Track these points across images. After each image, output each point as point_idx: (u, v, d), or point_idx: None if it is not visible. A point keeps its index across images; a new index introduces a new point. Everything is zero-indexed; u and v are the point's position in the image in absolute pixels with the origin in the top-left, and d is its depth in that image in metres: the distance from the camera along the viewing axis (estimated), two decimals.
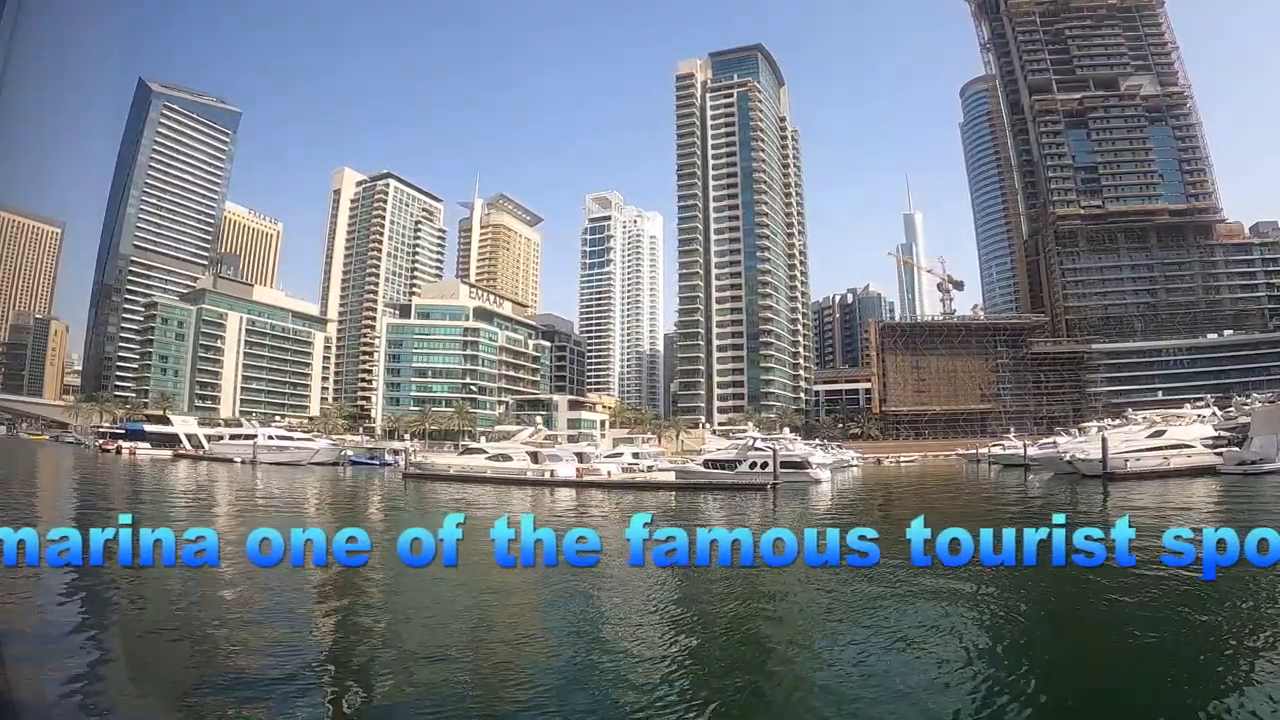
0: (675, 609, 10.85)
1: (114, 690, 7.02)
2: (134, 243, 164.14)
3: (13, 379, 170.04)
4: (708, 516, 29.14)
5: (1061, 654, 9.43)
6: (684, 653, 8.79)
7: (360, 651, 8.89)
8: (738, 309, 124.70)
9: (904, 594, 11.09)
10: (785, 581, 11.57)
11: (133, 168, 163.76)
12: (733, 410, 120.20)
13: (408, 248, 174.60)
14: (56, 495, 31.84)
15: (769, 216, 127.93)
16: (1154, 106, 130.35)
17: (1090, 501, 32.36)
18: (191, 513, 26.16)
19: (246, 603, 10.54)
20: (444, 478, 46.48)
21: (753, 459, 50.74)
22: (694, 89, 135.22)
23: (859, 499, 40.49)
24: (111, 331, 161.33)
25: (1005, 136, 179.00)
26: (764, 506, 33.01)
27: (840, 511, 31.88)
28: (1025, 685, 7.54)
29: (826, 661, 8.47)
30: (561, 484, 42.94)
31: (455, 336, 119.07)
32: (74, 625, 8.96)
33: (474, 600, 10.92)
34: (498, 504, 31.87)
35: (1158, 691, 7.50)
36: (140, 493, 35.02)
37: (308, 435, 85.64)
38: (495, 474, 45.78)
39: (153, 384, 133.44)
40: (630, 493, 39.35)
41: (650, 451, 66.75)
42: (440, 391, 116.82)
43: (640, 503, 34.42)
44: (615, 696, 7.11)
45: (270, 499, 33.46)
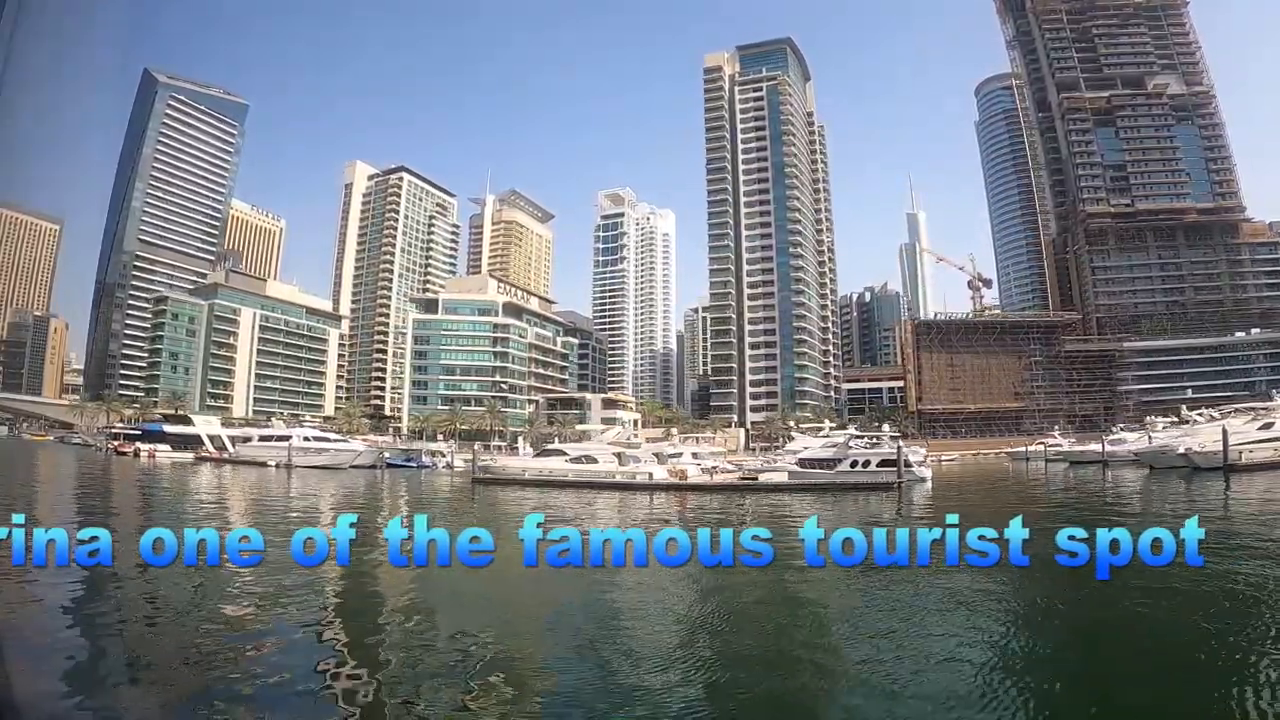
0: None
1: (114, 690, 7.02)
2: (139, 237, 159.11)
3: (12, 378, 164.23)
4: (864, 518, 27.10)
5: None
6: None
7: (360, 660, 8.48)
8: (770, 305, 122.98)
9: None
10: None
11: (137, 160, 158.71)
12: (766, 409, 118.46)
13: (421, 243, 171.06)
14: (89, 505, 27.52)
15: (801, 212, 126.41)
16: (1180, 106, 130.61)
17: (1230, 496, 30.59)
18: (268, 528, 22.57)
19: (247, 604, 10.68)
20: (518, 482, 42.84)
21: (854, 457, 48.85)
22: (722, 82, 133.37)
23: (962, 496, 39.11)
24: (115, 329, 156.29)
25: (1022, 135, 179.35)
26: (896, 505, 31.81)
27: (974, 509, 29.97)
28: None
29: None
30: (656, 487, 40.20)
31: (485, 333, 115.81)
32: (75, 625, 8.98)
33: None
34: (599, 510, 29.05)
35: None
36: (179, 500, 30.83)
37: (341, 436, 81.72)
38: (578, 477, 42.74)
39: (162, 382, 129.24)
40: (741, 495, 36.79)
41: (709, 451, 64.51)
42: (470, 390, 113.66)
43: (777, 507, 31.90)
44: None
45: (334, 509, 29.15)
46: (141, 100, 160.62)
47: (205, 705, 6.65)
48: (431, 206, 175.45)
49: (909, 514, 29.34)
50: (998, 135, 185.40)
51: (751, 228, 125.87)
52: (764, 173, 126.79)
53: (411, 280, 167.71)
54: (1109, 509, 29.11)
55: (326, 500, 32.42)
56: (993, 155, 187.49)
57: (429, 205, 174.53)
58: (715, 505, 31.77)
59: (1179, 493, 34.48)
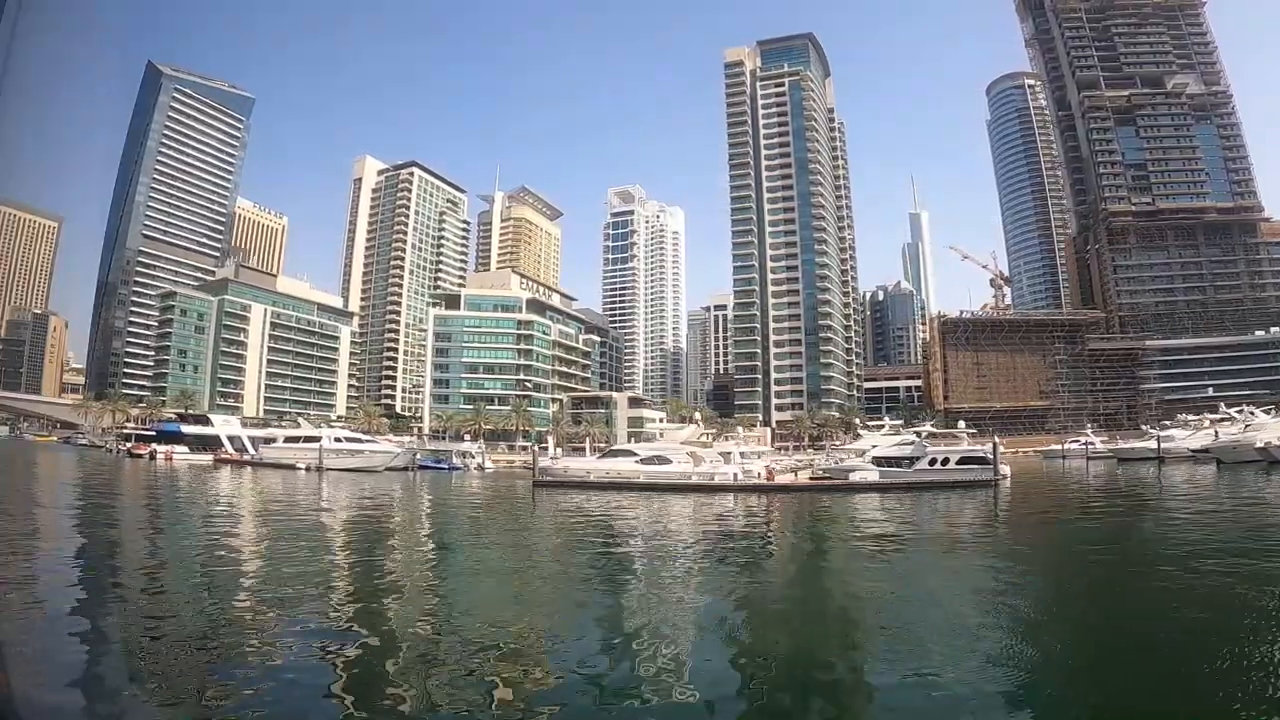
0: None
1: (114, 690, 6.96)
2: (142, 232, 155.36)
3: (11, 377, 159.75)
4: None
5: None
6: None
7: (424, 659, 8.15)
8: (795, 303, 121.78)
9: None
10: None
11: (141, 154, 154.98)
12: (792, 408, 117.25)
13: (432, 239, 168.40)
14: (137, 524, 22.27)
15: (824, 208, 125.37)
16: (1199, 105, 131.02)
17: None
18: (358, 542, 20.01)
19: (248, 605, 10.60)
20: (582, 485, 40.31)
21: (932, 455, 47.57)
22: (743, 77, 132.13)
23: (1045, 495, 38.30)
24: (118, 326, 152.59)
25: (1034, 133, 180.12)
26: (994, 505, 30.59)
27: (1075, 512, 28.25)
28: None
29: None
30: (741, 489, 38.45)
31: (509, 329, 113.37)
32: (75, 625, 8.96)
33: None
34: (676, 514, 26.17)
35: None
36: (231, 509, 26.91)
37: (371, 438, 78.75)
38: (650, 479, 40.21)
39: (171, 381, 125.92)
40: (837, 496, 35.14)
41: (758, 451, 62.98)
42: (493, 389, 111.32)
43: (889, 510, 30.61)
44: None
45: (407, 524, 25.07)
46: (146, 93, 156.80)
47: (206, 705, 6.59)
48: (442, 202, 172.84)
49: (1012, 513, 28.11)
50: (1010, 134, 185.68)
51: (775, 224, 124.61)
52: (787, 168, 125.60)
53: (422, 277, 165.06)
54: (1264, 511, 27.43)
55: (395, 513, 27.82)
56: (1005, 154, 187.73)
57: (440, 201, 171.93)
58: (830, 507, 29.82)
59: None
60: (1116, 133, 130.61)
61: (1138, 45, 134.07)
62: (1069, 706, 6.95)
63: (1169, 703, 6.88)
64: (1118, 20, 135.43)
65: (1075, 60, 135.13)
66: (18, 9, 3.62)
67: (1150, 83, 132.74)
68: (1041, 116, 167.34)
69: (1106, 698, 6.82)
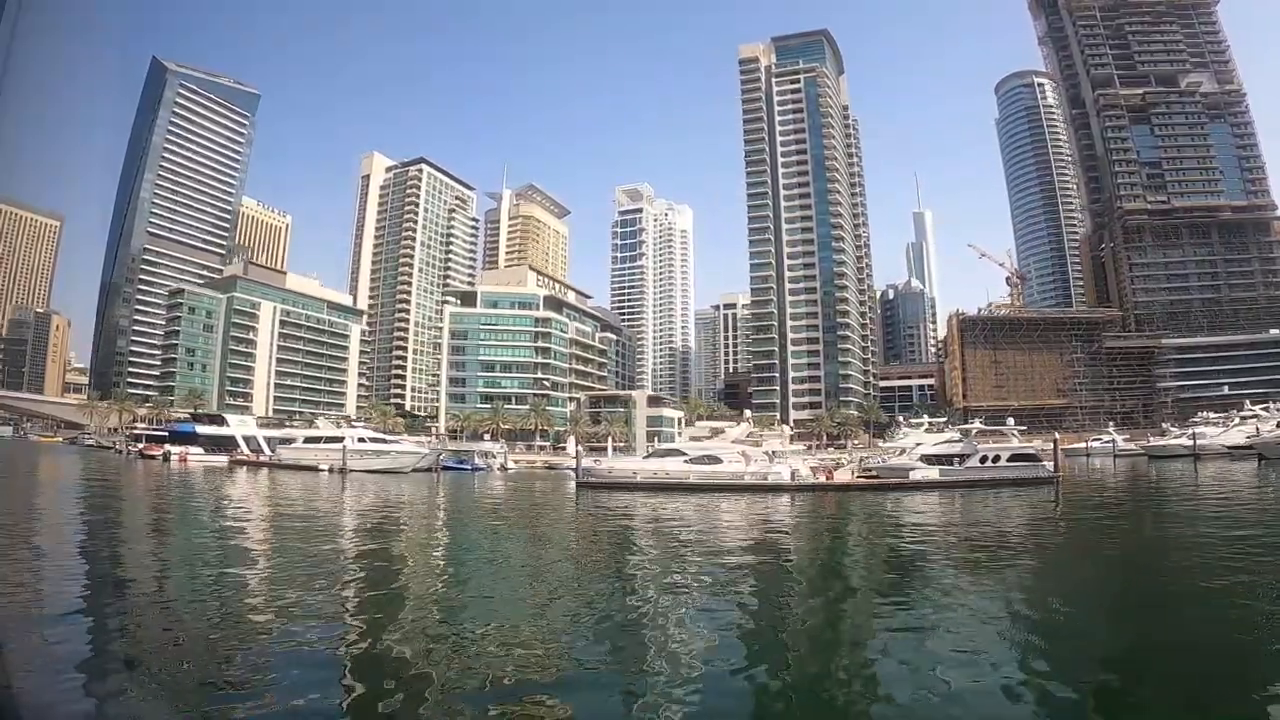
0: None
1: (115, 690, 6.88)
2: (147, 230, 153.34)
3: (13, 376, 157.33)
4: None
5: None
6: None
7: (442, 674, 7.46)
8: (812, 300, 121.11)
9: None
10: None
11: (146, 150, 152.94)
12: (810, 406, 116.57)
13: (441, 236, 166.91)
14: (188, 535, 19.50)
15: (840, 205, 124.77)
16: (1213, 104, 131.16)
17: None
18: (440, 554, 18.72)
19: (249, 605, 10.55)
20: (628, 486, 38.84)
21: (984, 452, 47.06)
22: (758, 74, 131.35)
23: (1093, 492, 37.78)
24: (123, 325, 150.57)
25: (1044, 132, 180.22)
26: (1056, 502, 29.82)
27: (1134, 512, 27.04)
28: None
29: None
30: (799, 489, 37.57)
31: (526, 327, 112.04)
32: (76, 625, 8.89)
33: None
34: (732, 514, 24.61)
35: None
36: (278, 512, 24.95)
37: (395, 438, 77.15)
38: (700, 480, 39.21)
39: (179, 380, 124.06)
40: (887, 495, 33.92)
41: (786, 449, 62.16)
42: (510, 387, 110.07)
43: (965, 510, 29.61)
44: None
45: (452, 526, 23.11)
46: (150, 90, 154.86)
47: (207, 706, 6.51)
48: (451, 199, 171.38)
49: (1073, 512, 27.07)
50: (1019, 133, 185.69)
51: (792, 221, 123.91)
52: (803, 166, 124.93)
53: (431, 275, 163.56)
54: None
55: (436, 519, 25.10)
56: (1014, 152, 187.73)
57: (448, 198, 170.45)
58: (893, 507, 27.63)
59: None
60: (1131, 131, 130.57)
61: (1151, 44, 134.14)
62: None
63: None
64: (1131, 19, 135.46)
65: (1089, 58, 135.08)
66: (18, 9, 3.60)
67: (1164, 81, 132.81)
68: (1050, 115, 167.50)
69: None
